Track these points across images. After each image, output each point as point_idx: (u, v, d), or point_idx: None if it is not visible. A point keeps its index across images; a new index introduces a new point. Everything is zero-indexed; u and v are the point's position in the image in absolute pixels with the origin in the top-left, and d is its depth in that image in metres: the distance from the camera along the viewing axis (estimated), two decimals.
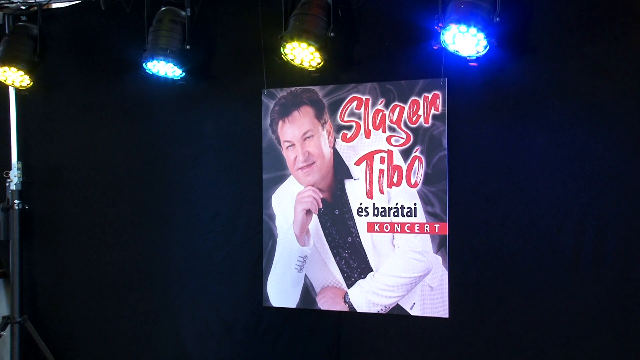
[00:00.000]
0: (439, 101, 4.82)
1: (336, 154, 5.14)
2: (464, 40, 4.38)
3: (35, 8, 5.82)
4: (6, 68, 5.69)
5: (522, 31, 4.51)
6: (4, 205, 6.15)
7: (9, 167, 6.20)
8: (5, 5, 5.88)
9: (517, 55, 4.54)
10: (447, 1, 4.40)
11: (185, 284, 5.77)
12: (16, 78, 5.78)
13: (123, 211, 6.00)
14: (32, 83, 5.82)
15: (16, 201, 6.15)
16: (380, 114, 5.00)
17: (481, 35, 4.32)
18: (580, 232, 4.49)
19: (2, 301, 6.42)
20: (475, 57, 4.47)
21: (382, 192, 5.01)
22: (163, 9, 5.30)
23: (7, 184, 6.16)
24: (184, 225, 5.79)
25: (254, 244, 5.46)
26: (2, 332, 6.13)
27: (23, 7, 5.85)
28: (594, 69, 4.45)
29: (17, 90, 6.14)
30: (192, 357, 5.77)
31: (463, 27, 4.31)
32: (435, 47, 4.54)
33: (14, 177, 6.17)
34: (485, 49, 4.39)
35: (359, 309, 5.09)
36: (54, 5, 5.97)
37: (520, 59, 4.55)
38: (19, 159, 6.25)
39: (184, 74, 5.38)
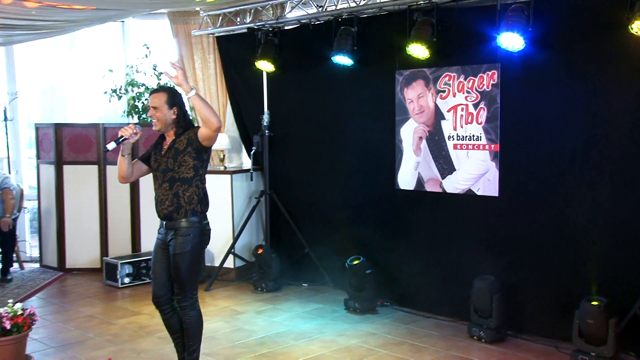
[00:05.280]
0: (496, 76, 4.77)
1: (437, 106, 5.16)
2: (511, 41, 4.36)
3: (277, 30, 6.01)
4: (262, 61, 5.97)
5: (545, 35, 4.39)
6: (260, 133, 6.40)
7: (262, 112, 6.44)
8: (261, 28, 6.10)
9: (541, 49, 4.43)
10: (500, 18, 4.38)
11: (353, 175, 5.80)
12: (267, 67, 6.04)
13: (325, 136, 6.07)
14: (274, 69, 6.05)
15: (266, 131, 6.38)
16: (462, 83, 4.98)
17: (520, 38, 4.32)
18: (575, 149, 4.41)
19: (259, 183, 6.68)
20: (516, 51, 4.42)
21: (462, 127, 5.01)
22: (342, 27, 5.39)
23: (262, 122, 6.39)
24: (350, 146, 5.84)
25: (390, 155, 5.48)
26: (261, 199, 6.43)
27: (270, 29, 6.05)
28: (585, 56, 4.33)
29: (267, 73, 6.37)
30: (358, 214, 5.82)
31: (510, 33, 4.31)
32: None
33: (265, 118, 6.40)
34: (523, 45, 4.36)
35: (448, 191, 5.13)
36: (286, 28, 6.13)
37: (543, 51, 4.44)
38: (267, 108, 6.50)
39: (352, 62, 5.43)
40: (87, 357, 4.35)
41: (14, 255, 6.92)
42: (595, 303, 3.98)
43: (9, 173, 7.31)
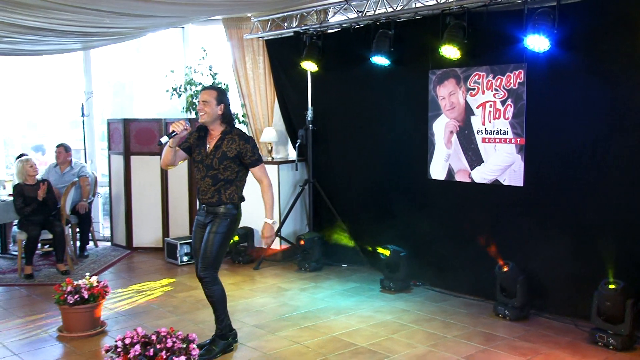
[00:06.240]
0: (522, 75, 4.74)
1: (467, 103, 5.15)
2: (537, 42, 4.34)
3: (320, 33, 6.07)
4: (307, 62, 6.06)
5: (569, 37, 4.34)
6: (305, 127, 6.46)
7: (306, 108, 6.50)
8: (306, 32, 6.17)
9: (565, 50, 4.39)
10: (527, 21, 4.37)
11: (389, 166, 5.82)
12: (311, 67, 6.12)
13: (363, 130, 6.07)
14: (318, 69, 6.14)
15: (310, 126, 6.44)
16: (490, 82, 4.96)
17: (546, 39, 4.30)
18: (596, 142, 4.37)
19: (304, 172, 6.74)
20: (541, 52, 4.40)
21: (490, 122, 4.99)
22: (380, 31, 5.42)
23: (306, 117, 6.46)
24: (386, 139, 5.83)
25: (423, 147, 5.46)
26: (305, 187, 6.53)
27: (314, 33, 6.12)
28: (607, 57, 4.28)
29: (311, 73, 6.44)
30: (393, 202, 5.83)
31: (536, 35, 4.29)
32: None
33: (309, 113, 6.45)
34: (548, 46, 4.34)
35: (476, 181, 5.13)
36: (329, 31, 6.16)
37: (567, 51, 4.39)
38: (311, 104, 6.55)
39: (389, 62, 5.43)
40: (152, 325, 4.50)
41: (90, 234, 7.21)
42: (613, 285, 3.98)
43: (85, 162, 7.58)
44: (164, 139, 3.70)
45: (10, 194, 6.46)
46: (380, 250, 5.43)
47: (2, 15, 4.69)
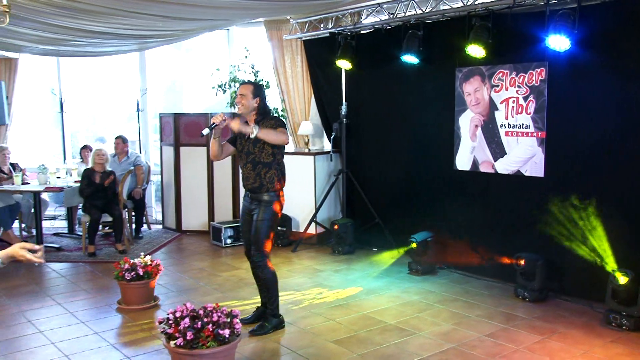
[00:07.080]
0: (544, 72, 4.73)
1: (491, 99, 5.15)
2: (558, 42, 4.33)
3: (354, 34, 6.10)
4: (341, 60, 6.12)
5: (588, 37, 4.32)
6: (339, 121, 6.50)
7: (341, 103, 6.55)
8: (341, 33, 6.21)
9: (585, 49, 4.37)
10: (549, 22, 4.35)
11: (417, 157, 5.88)
12: (345, 65, 6.18)
13: (394, 124, 6.12)
14: (352, 67, 6.18)
15: (344, 119, 6.47)
16: (513, 79, 4.96)
17: (566, 39, 4.28)
18: (612, 136, 4.36)
19: (338, 163, 6.78)
20: (562, 51, 4.39)
21: (512, 116, 4.99)
22: (410, 31, 5.46)
23: (340, 111, 6.49)
24: (415, 132, 5.88)
25: (450, 140, 5.50)
26: (339, 176, 6.58)
27: (349, 33, 6.16)
28: (624, 55, 4.24)
29: (345, 70, 6.48)
30: (421, 190, 5.87)
31: (557, 35, 4.28)
32: None
33: (343, 108, 6.49)
34: (569, 46, 4.33)
35: (499, 172, 5.14)
36: (362, 32, 6.17)
37: (586, 51, 4.37)
38: (345, 100, 6.60)
39: (418, 61, 5.47)
40: (199, 300, 4.61)
41: (144, 218, 7.48)
42: (625, 279, 3.99)
43: (140, 153, 7.83)
44: (205, 131, 3.79)
45: (76, 181, 6.74)
46: (410, 246, 5.49)
47: (69, 21, 4.97)
